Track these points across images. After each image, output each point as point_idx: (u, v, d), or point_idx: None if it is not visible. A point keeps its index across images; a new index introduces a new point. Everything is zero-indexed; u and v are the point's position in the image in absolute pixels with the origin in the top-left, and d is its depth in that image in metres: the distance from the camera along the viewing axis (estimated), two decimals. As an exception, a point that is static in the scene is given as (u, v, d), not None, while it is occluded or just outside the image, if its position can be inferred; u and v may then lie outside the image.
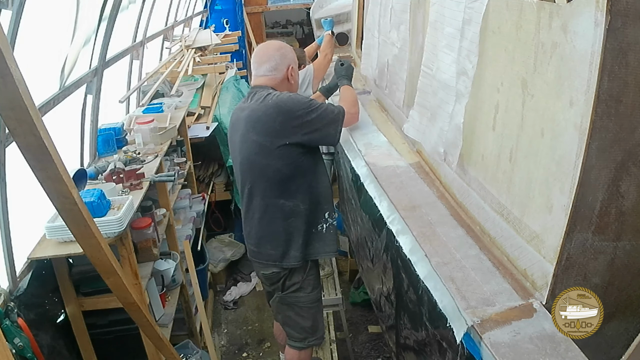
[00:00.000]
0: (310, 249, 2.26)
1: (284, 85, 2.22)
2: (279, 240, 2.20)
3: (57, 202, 1.47)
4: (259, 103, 2.09)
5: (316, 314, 2.43)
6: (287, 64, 2.22)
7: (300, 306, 2.35)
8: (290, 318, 2.40)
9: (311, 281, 2.33)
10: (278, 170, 2.11)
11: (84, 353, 2.31)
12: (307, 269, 2.30)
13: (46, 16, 2.48)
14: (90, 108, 2.95)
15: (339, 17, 4.49)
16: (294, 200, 2.16)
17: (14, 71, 1.20)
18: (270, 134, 2.05)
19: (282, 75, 2.21)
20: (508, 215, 1.47)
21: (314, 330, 2.42)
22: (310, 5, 5.49)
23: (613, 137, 1.10)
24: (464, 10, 1.59)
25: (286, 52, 2.24)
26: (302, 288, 2.31)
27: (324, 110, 2.12)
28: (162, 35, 5.28)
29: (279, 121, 2.04)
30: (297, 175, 2.14)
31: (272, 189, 2.14)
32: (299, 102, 2.08)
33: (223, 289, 4.27)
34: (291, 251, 2.21)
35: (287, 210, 2.16)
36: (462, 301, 1.32)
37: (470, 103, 1.66)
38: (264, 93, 2.11)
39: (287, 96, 2.10)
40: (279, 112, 2.04)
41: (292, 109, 2.05)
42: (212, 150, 4.55)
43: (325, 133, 2.14)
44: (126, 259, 2.25)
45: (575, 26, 1.11)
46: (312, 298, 2.35)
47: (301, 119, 2.05)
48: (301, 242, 2.21)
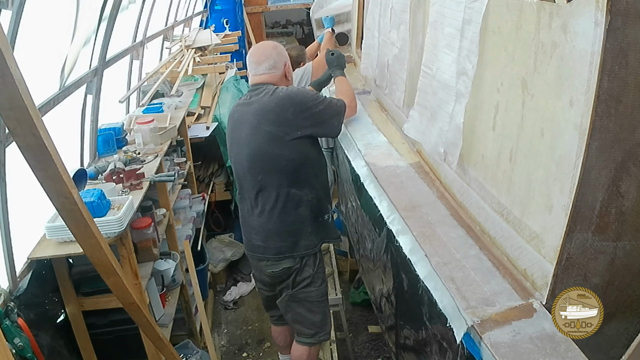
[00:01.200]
0: (317, 237, 2.33)
1: (282, 81, 2.30)
2: (288, 231, 2.25)
3: (57, 202, 1.47)
4: (269, 96, 2.16)
5: (325, 308, 2.47)
6: (283, 61, 2.31)
7: (310, 301, 2.38)
8: (301, 315, 2.41)
9: (320, 274, 2.40)
10: (291, 160, 2.18)
11: (84, 353, 2.31)
12: (317, 262, 2.36)
13: (46, 16, 2.48)
14: (90, 108, 2.95)
15: (339, 17, 4.49)
16: (303, 189, 2.24)
17: (14, 71, 1.20)
18: (283, 123, 2.14)
19: (281, 72, 2.29)
20: (508, 215, 1.47)
21: (323, 325, 2.46)
22: (310, 5, 5.49)
23: (613, 137, 1.10)
24: (464, 10, 1.59)
25: (281, 50, 2.33)
26: (313, 282, 2.35)
27: (329, 103, 2.24)
28: (162, 35, 5.28)
29: (291, 111, 2.13)
30: (306, 164, 2.24)
31: (284, 179, 2.20)
32: (308, 94, 2.23)
33: (223, 289, 4.27)
34: (302, 240, 2.27)
35: (297, 199, 2.23)
36: (462, 301, 1.32)
37: (470, 103, 1.66)
38: (271, 88, 2.19)
39: (297, 89, 2.25)
40: (291, 103, 2.14)
41: (302, 100, 2.16)
42: (212, 150, 4.56)
43: (329, 125, 2.25)
44: (126, 259, 2.25)
45: (575, 26, 1.11)
46: (322, 291, 2.41)
47: (311, 110, 2.16)
48: (310, 231, 2.28)
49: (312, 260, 2.33)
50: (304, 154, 2.22)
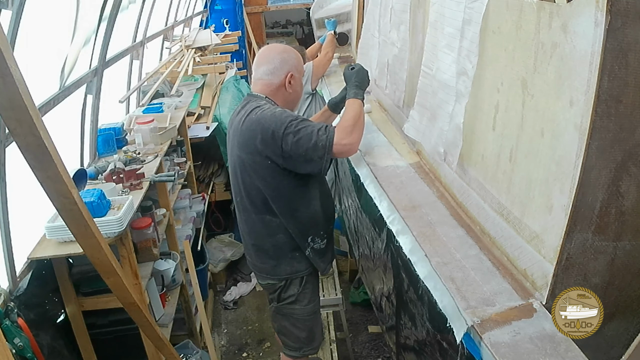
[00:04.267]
0: (301, 265, 2.15)
1: (280, 93, 2.04)
2: (268, 254, 2.12)
3: (57, 202, 1.47)
4: (245, 116, 1.94)
5: (312, 326, 2.31)
6: (286, 70, 2.02)
7: (296, 317, 2.25)
8: (286, 328, 2.30)
9: (307, 294, 2.22)
10: (259, 190, 1.99)
11: (84, 353, 2.31)
12: (303, 282, 2.19)
13: (46, 16, 2.48)
14: (90, 108, 2.95)
15: (339, 17, 4.49)
16: (280, 218, 2.04)
17: (14, 71, 1.20)
18: (252, 152, 1.92)
19: (279, 81, 2.02)
20: (508, 215, 1.47)
21: (309, 341, 2.32)
22: (310, 5, 5.49)
23: (613, 137, 1.09)
24: (464, 10, 1.59)
25: (288, 58, 2.04)
26: (298, 301, 2.20)
27: (309, 134, 1.85)
28: (162, 35, 5.29)
29: (259, 139, 1.88)
30: (281, 198, 2.00)
31: (256, 205, 2.04)
32: (281, 121, 1.86)
33: (223, 289, 4.28)
34: (282, 265, 2.13)
35: (274, 225, 2.06)
36: (462, 301, 1.32)
37: (470, 103, 1.66)
38: (254, 105, 1.95)
39: (270, 114, 1.89)
40: (260, 129, 1.87)
41: (273, 128, 1.85)
42: (212, 150, 4.56)
43: (307, 159, 1.87)
44: (126, 259, 2.25)
45: (575, 26, 1.11)
46: (308, 311, 2.24)
47: (281, 140, 1.85)
48: (291, 257, 2.11)
49: (297, 282, 2.17)
50: (275, 186, 1.97)
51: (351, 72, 2.17)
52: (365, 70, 2.18)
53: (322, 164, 1.88)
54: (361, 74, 2.15)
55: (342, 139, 1.89)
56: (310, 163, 1.88)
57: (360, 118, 2.01)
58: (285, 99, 2.07)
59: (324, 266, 2.21)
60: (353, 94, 2.10)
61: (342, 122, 1.96)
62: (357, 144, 1.97)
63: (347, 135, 1.91)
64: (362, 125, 2.01)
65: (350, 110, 2.03)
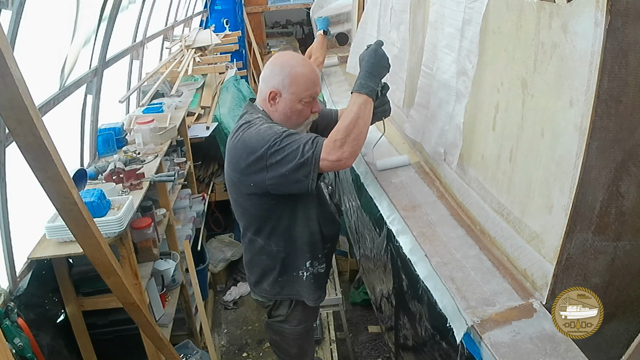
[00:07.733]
0: (286, 289, 2.00)
1: (267, 107, 1.83)
2: (255, 269, 2.04)
3: (57, 202, 1.47)
4: (234, 132, 1.79)
5: (303, 344, 2.21)
6: (271, 86, 1.77)
7: (285, 335, 2.16)
8: (276, 342, 2.23)
9: (297, 316, 2.09)
10: (247, 210, 1.88)
11: (84, 353, 2.31)
12: (292, 305, 2.05)
13: (46, 16, 2.48)
14: (90, 108, 2.95)
15: (339, 17, 4.49)
16: (266, 240, 1.90)
17: (14, 71, 1.20)
18: (238, 171, 1.77)
19: (265, 93, 1.80)
20: (508, 215, 1.47)
21: (300, 357, 2.23)
22: (310, 5, 5.49)
23: (613, 137, 1.09)
24: (464, 10, 1.59)
25: (279, 71, 1.76)
26: (287, 321, 2.10)
27: (292, 151, 1.63)
28: (162, 35, 5.29)
29: (243, 159, 1.71)
30: (270, 217, 1.86)
31: (245, 223, 1.95)
32: (264, 140, 1.66)
33: (223, 289, 4.28)
34: (264, 284, 2.01)
35: (257, 246, 1.94)
36: (462, 301, 1.32)
37: (470, 103, 1.66)
38: (246, 119, 1.79)
39: (255, 132, 1.69)
40: (244, 149, 1.70)
41: (255, 148, 1.66)
42: (212, 150, 4.56)
43: (292, 179, 1.66)
44: (126, 259, 2.25)
45: (575, 26, 1.11)
46: (298, 331, 2.13)
47: (264, 160, 1.66)
48: (272, 280, 1.98)
49: (287, 304, 2.06)
50: (264, 208, 1.83)
51: (364, 52, 1.78)
52: (382, 50, 1.76)
53: (308, 182, 1.65)
54: (375, 56, 1.75)
55: (330, 155, 1.63)
56: (296, 184, 1.67)
57: (358, 124, 1.66)
58: (273, 116, 1.83)
59: (316, 296, 2.00)
60: (359, 86, 1.72)
61: (333, 132, 1.67)
62: (351, 158, 1.67)
63: (336, 150, 1.63)
64: (358, 134, 1.66)
65: (347, 113, 1.69)
